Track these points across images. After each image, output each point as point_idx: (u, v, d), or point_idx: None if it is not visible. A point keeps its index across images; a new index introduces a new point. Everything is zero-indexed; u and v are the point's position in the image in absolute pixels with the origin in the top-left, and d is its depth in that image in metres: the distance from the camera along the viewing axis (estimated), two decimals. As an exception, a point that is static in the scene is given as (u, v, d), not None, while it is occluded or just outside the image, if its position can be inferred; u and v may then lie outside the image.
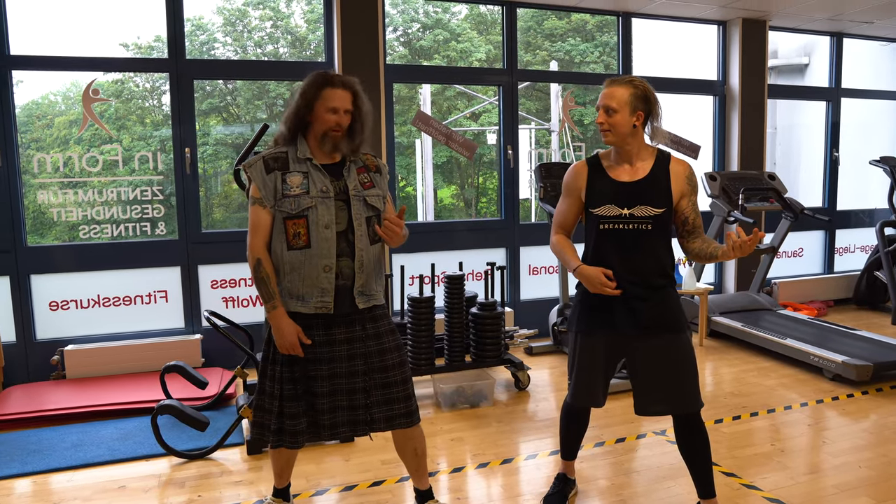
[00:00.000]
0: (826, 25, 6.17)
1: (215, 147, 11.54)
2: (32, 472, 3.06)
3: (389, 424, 2.34)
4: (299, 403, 2.27)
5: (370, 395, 2.31)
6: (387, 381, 2.32)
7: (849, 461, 3.07)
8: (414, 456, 2.47)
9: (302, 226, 2.19)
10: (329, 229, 2.20)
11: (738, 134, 5.91)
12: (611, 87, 2.33)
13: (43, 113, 10.83)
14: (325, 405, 2.26)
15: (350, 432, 2.32)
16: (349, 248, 2.23)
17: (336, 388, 2.27)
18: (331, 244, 2.20)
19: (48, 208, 4.33)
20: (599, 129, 2.36)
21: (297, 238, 2.20)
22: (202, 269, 4.59)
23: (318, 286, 2.21)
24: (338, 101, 2.22)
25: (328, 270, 2.20)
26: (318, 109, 2.22)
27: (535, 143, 11.29)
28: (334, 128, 2.23)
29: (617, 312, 2.36)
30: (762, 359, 4.70)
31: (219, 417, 3.62)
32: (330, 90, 2.22)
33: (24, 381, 4.24)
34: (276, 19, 13.07)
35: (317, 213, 2.19)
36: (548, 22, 14.47)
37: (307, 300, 2.22)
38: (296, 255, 2.21)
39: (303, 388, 2.27)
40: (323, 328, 2.26)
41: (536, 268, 5.51)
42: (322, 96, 2.21)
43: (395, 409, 2.33)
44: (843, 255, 6.78)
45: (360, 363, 2.29)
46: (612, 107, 2.31)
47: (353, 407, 2.30)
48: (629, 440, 3.35)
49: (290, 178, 2.22)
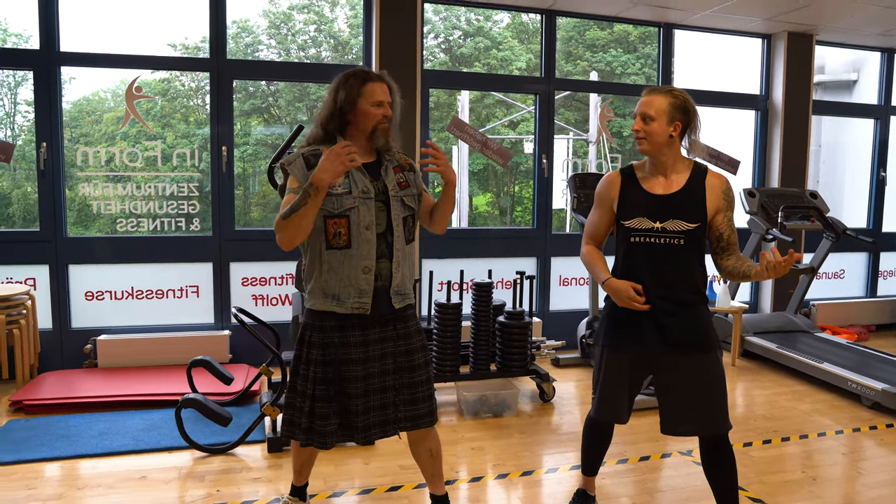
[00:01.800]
0: (876, 41, 5.99)
1: (255, 147, 11.73)
2: (60, 458, 3.12)
3: (414, 424, 2.33)
4: (331, 405, 2.26)
5: (399, 394, 2.31)
6: (413, 380, 2.32)
7: (885, 494, 2.94)
8: (429, 457, 2.45)
9: (343, 226, 2.19)
10: (370, 230, 2.20)
11: (779, 150, 5.76)
12: (649, 96, 2.29)
13: (93, 109, 11.17)
14: (359, 406, 2.25)
15: (381, 434, 2.31)
16: (388, 250, 2.24)
17: (370, 388, 2.27)
18: (371, 246, 2.20)
19: (91, 201, 4.44)
20: (635, 137, 2.32)
21: (337, 238, 2.20)
22: (234, 266, 4.65)
23: (356, 287, 2.20)
24: (381, 95, 2.23)
25: (367, 272, 2.20)
26: (362, 105, 2.22)
27: (573, 153, 11.20)
28: (382, 121, 2.23)
29: (645, 328, 2.31)
30: (797, 382, 4.55)
31: (242, 414, 3.65)
32: (371, 85, 2.23)
33: (58, 367, 4.35)
34: (319, 23, 13.26)
35: (359, 214, 2.19)
36: (590, 32, 14.37)
37: (343, 300, 2.21)
38: (335, 254, 2.20)
39: (335, 390, 2.26)
40: (359, 329, 2.25)
41: (567, 279, 5.45)
42: (364, 92, 2.22)
43: (420, 408, 2.33)
44: (887, 278, 6.55)
45: (390, 362, 2.30)
46: (650, 114, 2.26)
47: (384, 406, 2.30)
48: (654, 459, 3.27)
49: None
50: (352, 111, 2.23)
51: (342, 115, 2.24)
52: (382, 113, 2.23)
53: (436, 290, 4.56)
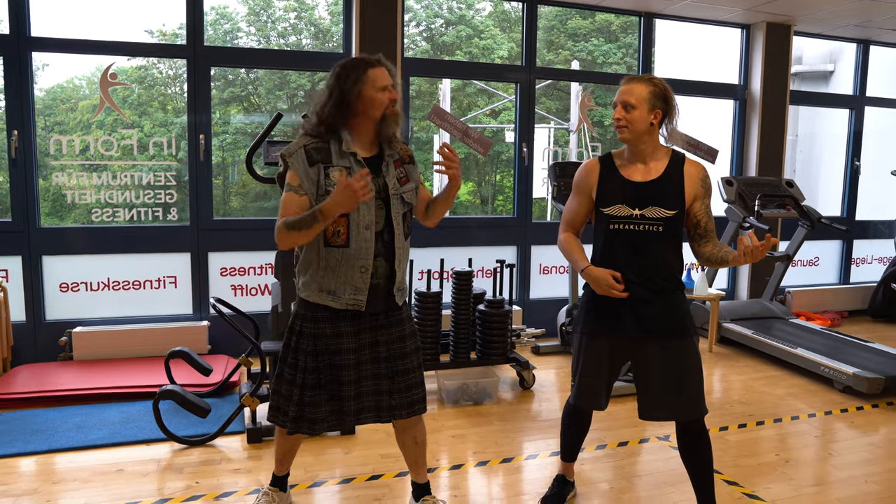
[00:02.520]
0: (853, 32, 6.06)
1: (235, 136, 11.60)
2: (34, 452, 3.08)
3: (410, 410, 2.33)
4: (321, 392, 2.24)
5: (393, 382, 2.30)
6: (406, 367, 2.32)
7: (855, 475, 3.01)
8: (414, 444, 2.46)
9: (342, 224, 2.16)
10: (368, 230, 2.17)
11: (757, 139, 5.82)
12: (629, 84, 2.30)
13: (67, 96, 10.96)
14: (352, 392, 2.25)
15: (375, 418, 2.32)
16: (384, 248, 2.22)
17: (361, 374, 2.26)
18: (369, 245, 2.18)
19: (66, 190, 4.37)
20: (615, 125, 2.32)
21: (336, 236, 2.17)
22: (212, 256, 4.61)
23: (351, 284, 2.19)
24: (384, 79, 2.16)
25: (364, 271, 2.19)
26: (368, 92, 2.14)
27: (555, 142, 11.23)
28: (390, 105, 2.17)
29: (623, 315, 2.33)
30: (772, 367, 4.63)
31: (221, 405, 3.63)
32: (373, 70, 2.15)
33: (31, 360, 4.28)
34: (300, 10, 13.10)
35: (358, 214, 2.16)
36: (572, 21, 14.37)
37: (339, 296, 2.20)
38: (333, 252, 2.18)
39: (327, 378, 2.24)
40: (351, 319, 2.23)
41: (547, 267, 5.48)
42: (367, 79, 2.14)
43: (414, 394, 2.34)
44: (860, 265, 6.67)
45: (383, 350, 2.29)
46: (631, 102, 2.26)
47: (378, 392, 2.30)
48: (632, 444, 3.31)
49: (333, 172, 2.15)
50: (357, 101, 2.15)
51: (348, 107, 2.15)
52: (389, 97, 2.17)
53: (416, 279, 4.56)
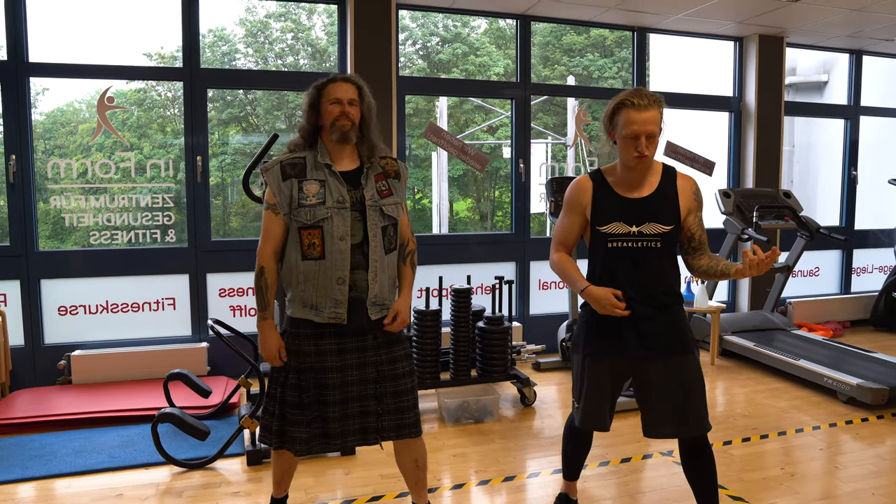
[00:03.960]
0: (845, 42, 6.10)
1: (234, 156, 11.65)
2: (32, 478, 3.05)
3: (399, 434, 2.31)
4: (304, 412, 2.23)
5: (381, 403, 2.28)
6: (397, 389, 2.30)
7: (861, 488, 2.97)
8: (415, 468, 2.44)
9: (317, 236, 2.17)
10: (344, 241, 2.18)
11: (753, 151, 5.84)
12: (644, 113, 2.18)
13: (67, 120, 11.03)
14: (336, 413, 2.23)
15: (360, 441, 2.30)
16: (364, 260, 2.22)
17: (347, 395, 2.25)
18: (345, 256, 2.18)
19: (66, 213, 4.37)
20: (636, 156, 2.21)
21: (311, 248, 2.19)
22: (211, 277, 4.60)
23: (331, 297, 2.19)
24: (340, 93, 2.22)
25: (341, 283, 2.18)
26: (323, 105, 2.23)
27: (552, 157, 11.27)
28: (339, 117, 2.21)
29: (625, 334, 2.30)
30: (775, 380, 4.60)
31: (221, 427, 3.60)
32: (332, 85, 2.24)
33: (30, 384, 4.26)
34: (297, 31, 13.22)
35: (332, 225, 2.17)
36: (567, 37, 14.48)
37: (320, 310, 2.20)
38: (310, 265, 2.19)
39: (312, 398, 2.24)
40: (335, 337, 2.23)
41: (546, 283, 5.46)
42: (324, 93, 2.23)
43: (404, 418, 2.31)
44: (860, 275, 6.65)
45: (371, 371, 2.27)
46: (655, 133, 2.21)
47: (365, 414, 2.27)
48: (635, 460, 3.28)
49: (307, 186, 2.20)
50: (316, 115, 2.24)
51: (313, 119, 2.25)
52: (340, 109, 2.21)
53: (415, 297, 4.55)
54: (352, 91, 2.24)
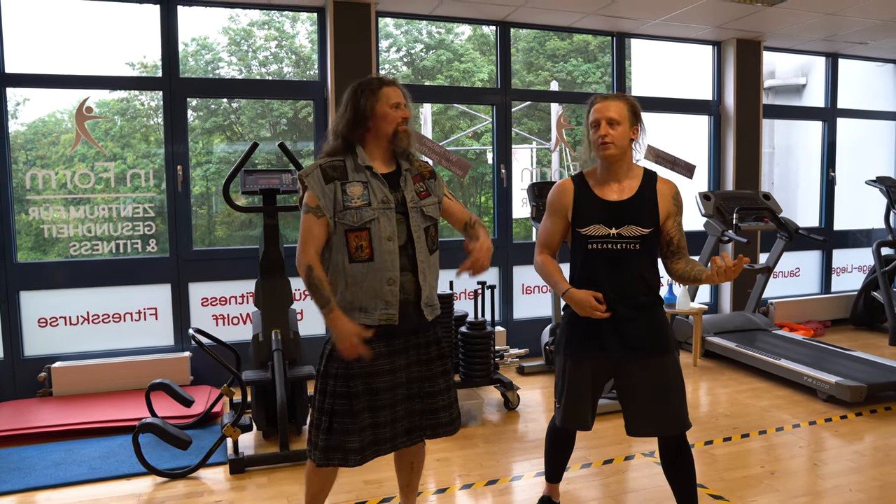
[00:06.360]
0: (821, 46, 6.19)
1: (218, 165, 11.59)
2: (10, 492, 3.02)
3: (435, 432, 2.30)
4: (356, 420, 2.17)
5: (423, 402, 2.28)
6: (434, 389, 2.30)
7: (840, 484, 3.01)
8: (410, 470, 2.45)
9: (364, 238, 2.15)
10: (392, 242, 2.16)
11: (733, 154, 5.90)
12: (605, 102, 2.30)
13: (49, 130, 10.93)
14: (387, 417, 2.21)
15: (407, 442, 2.28)
16: (409, 262, 2.20)
17: (396, 398, 2.23)
18: (394, 257, 2.16)
19: (47, 224, 4.33)
20: (600, 143, 2.28)
21: (359, 251, 2.16)
22: (192, 286, 4.58)
23: (382, 298, 2.16)
24: (396, 97, 2.23)
25: (392, 284, 2.16)
26: (382, 109, 2.20)
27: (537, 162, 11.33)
28: (402, 122, 2.22)
29: (607, 335, 2.32)
30: (756, 379, 4.64)
31: (203, 436, 3.58)
32: (386, 89, 2.22)
33: (10, 398, 4.22)
34: (280, 39, 13.20)
35: (379, 226, 2.15)
36: (550, 43, 14.57)
37: (371, 312, 2.17)
38: (358, 267, 2.16)
39: (363, 404, 2.19)
40: (384, 339, 2.20)
41: (530, 287, 5.49)
42: (381, 96, 2.21)
43: (440, 417, 2.30)
44: (840, 275, 6.74)
45: (415, 370, 2.27)
46: (615, 119, 2.27)
47: (411, 413, 2.27)
48: (617, 461, 3.30)
49: (350, 188, 2.17)
50: (371, 117, 2.21)
51: (362, 123, 2.21)
52: (401, 115, 2.22)
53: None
54: (401, 96, 2.25)
